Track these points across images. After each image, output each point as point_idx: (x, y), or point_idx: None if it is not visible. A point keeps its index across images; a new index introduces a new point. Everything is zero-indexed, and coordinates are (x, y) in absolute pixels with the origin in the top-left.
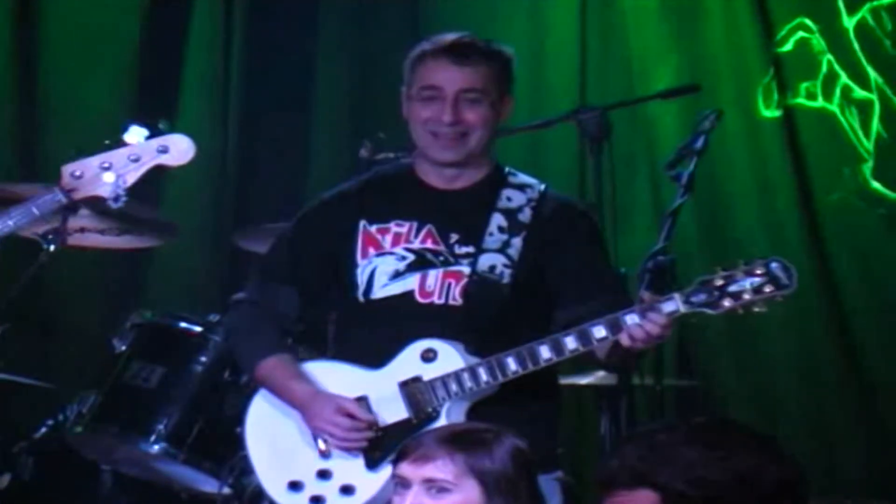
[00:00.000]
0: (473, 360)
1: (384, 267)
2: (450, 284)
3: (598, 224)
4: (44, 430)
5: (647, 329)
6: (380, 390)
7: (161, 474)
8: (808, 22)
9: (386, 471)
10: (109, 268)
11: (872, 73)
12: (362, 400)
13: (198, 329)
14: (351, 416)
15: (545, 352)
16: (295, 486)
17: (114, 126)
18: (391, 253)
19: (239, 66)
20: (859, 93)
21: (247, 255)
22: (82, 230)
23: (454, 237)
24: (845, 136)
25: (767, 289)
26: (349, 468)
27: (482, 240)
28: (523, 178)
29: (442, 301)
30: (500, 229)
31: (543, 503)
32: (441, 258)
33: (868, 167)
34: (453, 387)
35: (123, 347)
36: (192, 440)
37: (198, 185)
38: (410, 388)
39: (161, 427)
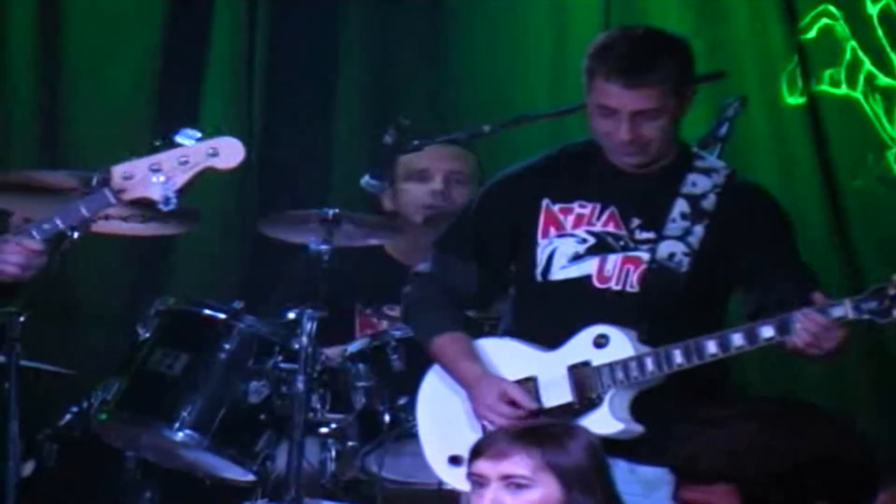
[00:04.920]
0: (644, 349)
1: (564, 248)
2: (628, 270)
3: (784, 209)
4: (68, 417)
5: (813, 331)
6: (549, 372)
7: (185, 461)
8: (831, 9)
9: None
10: (133, 254)
11: None
12: (530, 380)
13: (222, 316)
14: (514, 403)
15: (711, 347)
16: (455, 460)
17: (137, 112)
18: (572, 235)
19: (262, 52)
20: (883, 80)
21: (270, 242)
22: (106, 217)
23: (636, 222)
24: (869, 122)
25: None
26: None
27: (664, 226)
28: (710, 161)
29: (619, 287)
30: (683, 216)
31: (618, 497)
32: (621, 243)
33: (892, 154)
34: (619, 374)
35: (147, 334)
36: (216, 427)
37: (221, 172)
38: (578, 373)
39: (185, 414)
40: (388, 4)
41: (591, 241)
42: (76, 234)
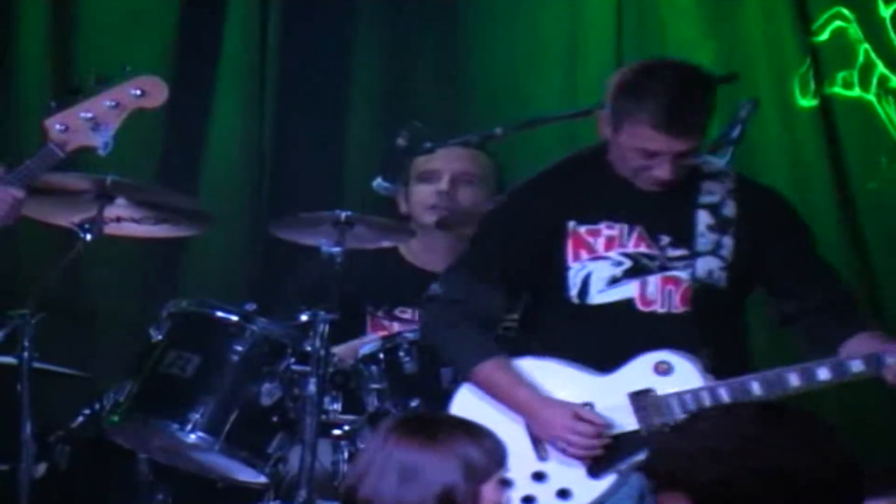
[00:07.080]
0: (709, 377)
1: (599, 272)
2: (670, 291)
3: (795, 207)
4: (80, 419)
5: None
6: (607, 398)
7: (197, 463)
8: (844, 11)
9: (608, 479)
10: (146, 257)
11: None
12: (587, 406)
13: (234, 318)
14: (589, 422)
15: (794, 380)
16: (503, 483)
17: (148, 114)
18: (605, 257)
19: (274, 54)
20: None
21: (282, 244)
22: (118, 219)
23: (665, 239)
24: (882, 125)
25: None
26: (568, 473)
27: (694, 241)
28: (712, 163)
29: (664, 309)
30: (710, 228)
31: None
32: (657, 263)
33: None
34: (690, 405)
35: (160, 336)
36: (228, 429)
37: (234, 174)
38: (642, 401)
39: (197, 416)
40: (402, 6)
41: (627, 263)
42: (88, 237)
